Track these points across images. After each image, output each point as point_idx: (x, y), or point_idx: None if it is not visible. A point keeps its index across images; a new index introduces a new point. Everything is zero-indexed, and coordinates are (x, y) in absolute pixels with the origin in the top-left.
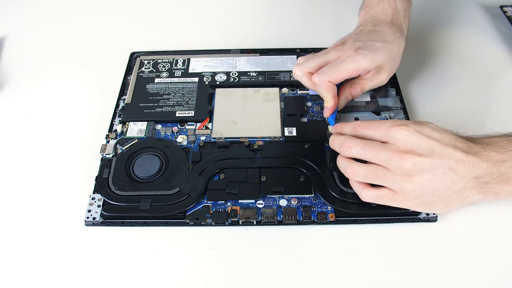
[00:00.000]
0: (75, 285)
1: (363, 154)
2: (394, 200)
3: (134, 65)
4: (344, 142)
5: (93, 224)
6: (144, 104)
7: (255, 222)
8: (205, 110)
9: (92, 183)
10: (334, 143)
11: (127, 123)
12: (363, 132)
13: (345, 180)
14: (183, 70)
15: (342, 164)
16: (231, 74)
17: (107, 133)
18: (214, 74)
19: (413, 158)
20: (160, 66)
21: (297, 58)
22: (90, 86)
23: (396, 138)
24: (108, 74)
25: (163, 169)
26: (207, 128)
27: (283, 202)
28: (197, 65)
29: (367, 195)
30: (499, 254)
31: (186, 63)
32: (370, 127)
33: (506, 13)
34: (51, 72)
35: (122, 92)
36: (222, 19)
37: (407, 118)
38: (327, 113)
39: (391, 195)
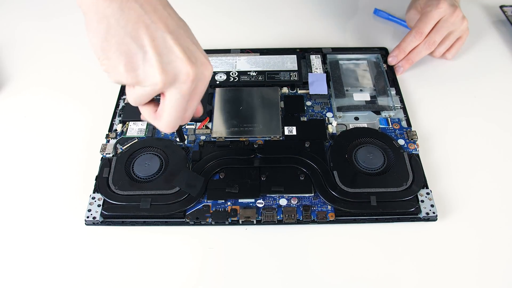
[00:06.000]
0: (75, 285)
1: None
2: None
3: None
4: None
5: (93, 224)
6: None
7: (255, 222)
8: (205, 110)
9: (92, 183)
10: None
11: (127, 122)
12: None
13: (345, 179)
14: None
15: None
16: (231, 73)
17: (107, 133)
18: (214, 74)
19: None
20: None
21: (297, 58)
22: (90, 85)
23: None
24: None
25: (163, 169)
26: (207, 127)
27: (283, 202)
28: None
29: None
30: (499, 254)
31: None
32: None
33: (506, 13)
34: (51, 72)
35: (122, 91)
36: (222, 19)
37: (407, 117)
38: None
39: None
